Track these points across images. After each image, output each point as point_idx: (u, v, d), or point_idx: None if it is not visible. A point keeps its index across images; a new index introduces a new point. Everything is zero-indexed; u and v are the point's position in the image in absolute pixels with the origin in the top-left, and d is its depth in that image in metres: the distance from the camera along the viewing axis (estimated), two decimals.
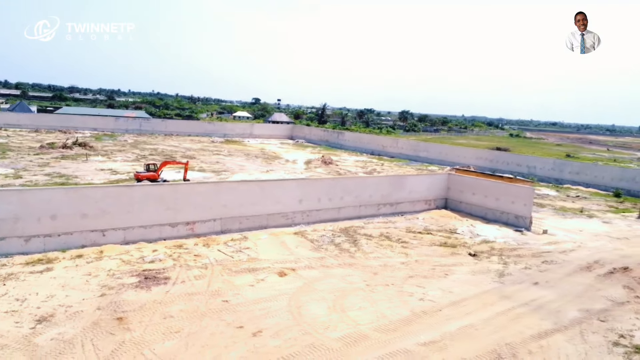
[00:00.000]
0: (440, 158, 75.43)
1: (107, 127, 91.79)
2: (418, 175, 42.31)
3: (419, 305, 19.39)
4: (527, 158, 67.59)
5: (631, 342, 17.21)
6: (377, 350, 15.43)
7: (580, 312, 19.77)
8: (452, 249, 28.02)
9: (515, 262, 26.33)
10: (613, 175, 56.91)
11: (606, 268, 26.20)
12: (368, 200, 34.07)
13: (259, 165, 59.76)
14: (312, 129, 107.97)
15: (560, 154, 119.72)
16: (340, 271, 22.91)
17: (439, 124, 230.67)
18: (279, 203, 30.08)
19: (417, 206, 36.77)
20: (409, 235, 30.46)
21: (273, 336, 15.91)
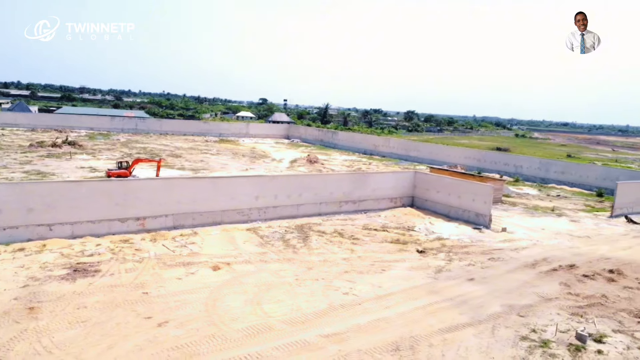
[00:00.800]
0: (431, 158, 75.32)
1: (103, 127, 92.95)
2: (382, 173, 42.38)
3: (340, 299, 19.57)
4: (514, 158, 67.24)
5: (540, 337, 17.24)
6: (275, 341, 15.68)
7: (502, 307, 19.82)
8: (402, 246, 28.13)
9: (460, 258, 26.38)
10: (597, 175, 56.44)
11: (552, 265, 26.15)
12: (329, 197, 34.26)
13: (243, 164, 60.21)
14: (307, 128, 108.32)
15: (562, 154, 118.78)
16: (277, 266, 23.17)
17: (444, 125, 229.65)
18: (233, 199, 30.40)
19: (382, 204, 36.87)
20: (363, 232, 30.62)
21: (177, 327, 16.23)
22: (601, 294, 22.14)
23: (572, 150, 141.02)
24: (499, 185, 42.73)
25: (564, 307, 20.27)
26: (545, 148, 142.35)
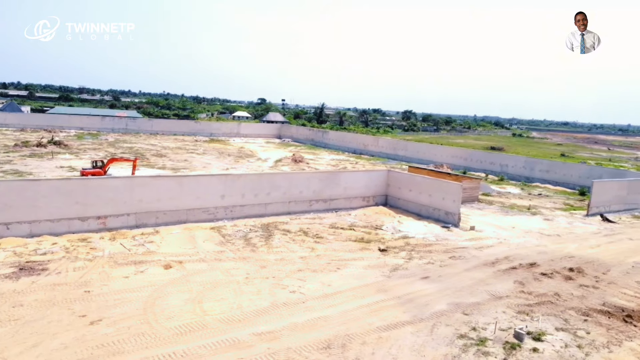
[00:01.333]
0: (418, 157, 75.23)
1: (93, 127, 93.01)
2: (354, 172, 42.24)
3: (285, 297, 19.47)
4: (499, 157, 67.06)
5: (479, 335, 17.12)
6: (205, 339, 15.58)
7: (449, 306, 19.69)
8: (365, 244, 28.00)
9: (421, 257, 26.25)
10: (581, 174, 56.25)
11: (512, 263, 26.01)
12: (298, 196, 34.16)
13: (226, 163, 60.14)
14: (299, 128, 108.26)
15: (556, 154, 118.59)
16: (230, 264, 23.08)
17: (442, 124, 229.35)
18: (199, 198, 30.33)
19: (354, 203, 36.76)
20: (329, 230, 30.51)
21: (109, 325, 16.15)
22: (554, 292, 22.00)
23: (568, 150, 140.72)
24: (474, 184, 42.59)
25: (512, 306, 20.13)
26: (541, 147, 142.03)
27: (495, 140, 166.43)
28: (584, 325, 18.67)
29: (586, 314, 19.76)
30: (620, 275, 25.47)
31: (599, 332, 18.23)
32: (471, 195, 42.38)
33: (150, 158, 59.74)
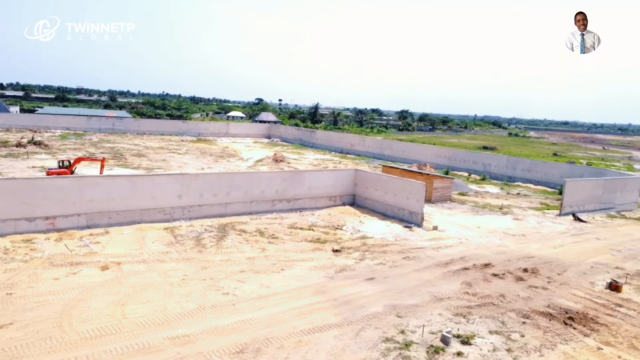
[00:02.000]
0: (403, 156, 74.70)
1: (79, 127, 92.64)
2: (319, 171, 41.67)
3: (216, 300, 18.94)
4: (482, 156, 66.42)
5: (406, 339, 16.58)
6: (115, 344, 15.08)
7: (384, 308, 19.14)
8: (319, 245, 27.47)
9: (374, 257, 25.71)
10: (562, 173, 55.54)
11: (466, 264, 25.46)
12: (260, 196, 33.64)
13: (204, 163, 59.65)
14: (287, 128, 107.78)
15: (548, 153, 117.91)
16: (171, 266, 22.57)
17: (438, 123, 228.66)
18: (154, 198, 29.83)
19: (320, 202, 36.21)
20: (287, 231, 29.98)
21: (19, 329, 15.65)
22: (500, 294, 21.44)
23: (561, 149, 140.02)
24: (446, 184, 42.02)
25: (451, 308, 19.58)
26: (534, 147, 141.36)
27: (490, 139, 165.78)
28: (521, 328, 18.11)
29: (526, 316, 19.19)
30: (576, 275, 24.91)
31: (535, 335, 17.67)
32: (443, 194, 41.83)
33: (128, 158, 59.29)
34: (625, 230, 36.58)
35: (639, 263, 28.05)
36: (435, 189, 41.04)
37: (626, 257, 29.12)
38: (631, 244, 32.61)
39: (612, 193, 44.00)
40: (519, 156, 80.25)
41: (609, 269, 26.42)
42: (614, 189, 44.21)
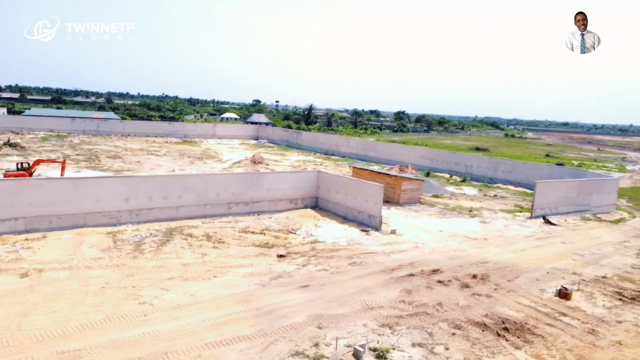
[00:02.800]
0: (387, 158, 73.69)
1: (63, 128, 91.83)
2: (279, 173, 40.58)
3: (128, 309, 17.91)
4: (464, 157, 65.26)
5: (317, 352, 15.53)
6: None
7: (307, 318, 18.08)
8: (266, 249, 26.44)
9: (319, 263, 24.66)
10: (542, 174, 54.39)
11: (415, 270, 24.37)
12: (215, 198, 32.61)
13: (179, 165, 58.70)
14: (274, 129, 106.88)
15: (541, 154, 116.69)
16: (97, 273, 21.55)
17: (435, 124, 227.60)
18: (99, 202, 28.83)
19: (280, 205, 35.16)
20: (237, 235, 28.94)
21: None
22: (438, 302, 20.36)
23: (555, 150, 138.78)
24: (416, 186, 40.93)
25: (380, 317, 18.50)
26: (528, 148, 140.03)
27: (485, 140, 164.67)
28: (448, 340, 17.02)
29: (458, 327, 18.11)
30: (527, 282, 23.81)
31: (461, 347, 16.59)
32: (413, 197, 40.74)
33: (102, 160, 58.36)
34: (595, 234, 35.45)
35: (599, 268, 26.94)
36: (403, 191, 39.97)
37: (587, 262, 28.01)
38: (597, 247, 31.50)
39: (588, 195, 42.84)
40: (518, 158, 79.15)
41: (565, 275, 25.32)
42: (590, 191, 43.05)
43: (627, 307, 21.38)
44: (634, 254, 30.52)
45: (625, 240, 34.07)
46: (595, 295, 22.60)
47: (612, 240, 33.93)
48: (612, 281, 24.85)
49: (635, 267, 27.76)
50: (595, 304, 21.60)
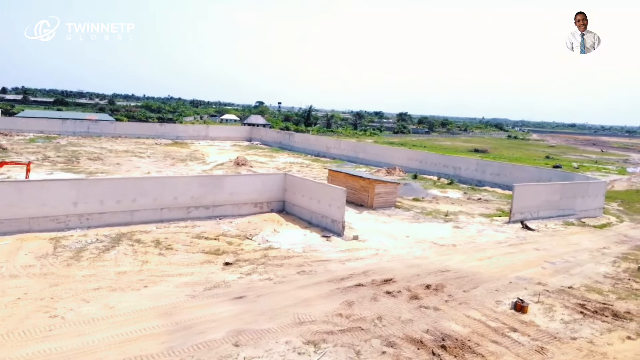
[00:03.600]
0: (376, 159, 72.21)
1: (54, 130, 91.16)
2: (242, 176, 39.22)
3: (36, 323, 16.61)
4: (453, 159, 63.58)
5: None
6: None
7: (226, 334, 16.69)
8: (215, 257, 25.11)
9: (265, 272, 23.27)
10: (531, 177, 52.74)
11: (366, 279, 22.93)
12: (173, 202, 31.33)
13: (159, 167, 57.57)
14: (268, 130, 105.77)
15: (540, 156, 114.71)
16: (19, 282, 20.30)
17: (437, 126, 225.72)
18: (45, 206, 27.63)
19: (244, 209, 33.81)
20: (189, 241, 27.63)
21: None
22: (378, 316, 18.90)
23: (557, 152, 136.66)
24: (391, 189, 39.42)
25: (308, 333, 17.07)
26: (529, 149, 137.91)
27: (486, 142, 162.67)
28: (376, 359, 15.57)
29: (392, 344, 16.64)
30: (485, 293, 22.27)
31: None
32: (387, 200, 39.25)
33: (81, 162, 57.34)
34: (574, 240, 33.79)
35: (567, 278, 25.34)
36: (377, 195, 38.50)
37: (557, 271, 26.41)
38: (572, 254, 29.88)
39: (572, 199, 41.12)
40: (517, 160, 77.35)
41: (529, 285, 23.76)
42: (574, 195, 41.32)
43: (587, 322, 19.79)
44: (610, 262, 28.87)
45: (605, 247, 32.40)
46: (555, 308, 21.02)
47: (590, 246, 32.27)
48: (578, 292, 23.25)
49: (608, 276, 26.13)
50: (553, 317, 20.03)
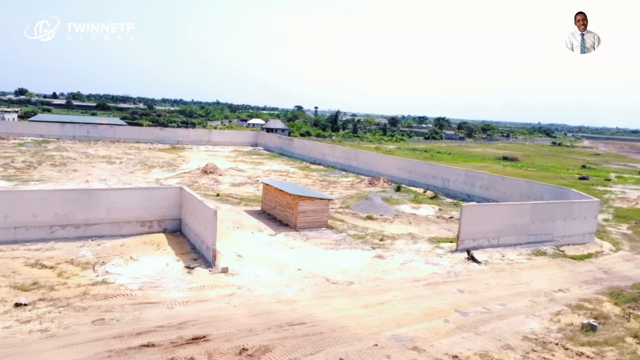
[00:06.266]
0: (368, 168, 65.99)
1: (53, 134, 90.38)
2: (123, 190, 33.90)
3: None
4: (441, 170, 56.16)
5: None
6: None
7: None
8: (20, 292, 20.33)
9: (52, 318, 18.20)
10: (522, 192, 45.21)
11: (171, 335, 17.35)
12: (32, 220, 26.81)
13: (118, 175, 53.86)
14: (271, 136, 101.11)
15: (576, 165, 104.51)
16: None
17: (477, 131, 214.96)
18: None
19: (127, 229, 28.87)
20: (16, 268, 22.93)
21: None
22: None
23: (600, 160, 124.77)
24: (319, 206, 33.38)
25: None
26: (566, 158, 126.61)
27: (524, 149, 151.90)
28: None
29: None
30: None
31: None
32: (316, 219, 33.28)
33: (40, 167, 54.59)
34: (526, 277, 26.71)
35: (468, 339, 18.68)
36: (302, 213, 32.63)
37: (462, 327, 19.80)
38: (507, 300, 23.04)
39: (549, 222, 33.64)
40: (549, 169, 69.08)
41: (398, 350, 17.39)
42: (552, 217, 33.81)
43: None
44: (552, 313, 21.83)
45: (563, 289, 25.22)
46: None
47: (542, 288, 25.19)
48: None
49: (531, 337, 19.24)
50: None
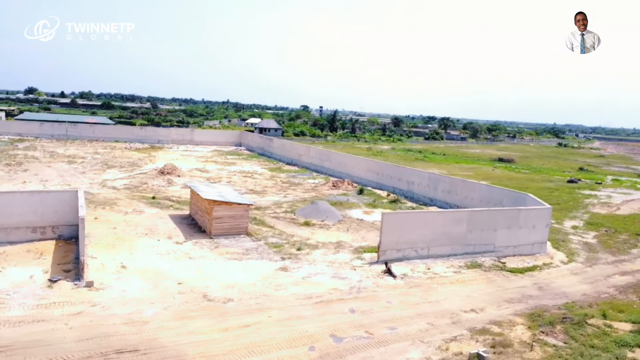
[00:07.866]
0: (340, 169, 63.30)
1: (32, 133, 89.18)
2: (9, 193, 31.49)
3: None
4: (407, 172, 53.13)
5: None
6: None
7: None
8: None
9: None
10: (482, 196, 42.31)
11: None
12: None
13: (72, 173, 51.98)
14: (254, 136, 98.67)
15: (574, 167, 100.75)
16: None
17: (482, 131, 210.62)
18: None
19: (15, 235, 26.64)
20: None
21: None
22: None
23: (601, 163, 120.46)
24: (238, 212, 30.89)
25: None
26: (567, 159, 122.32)
27: (525, 150, 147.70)
28: None
29: None
30: None
31: None
32: (233, 226, 30.81)
33: None
34: (442, 294, 23.97)
35: None
36: (217, 219, 30.19)
37: (324, 356, 17.24)
38: (405, 321, 20.48)
39: (490, 231, 30.74)
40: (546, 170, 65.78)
41: None
42: (494, 225, 30.91)
43: None
44: (444, 339, 19.09)
45: (477, 309, 22.45)
46: None
47: (455, 307, 22.44)
48: None
49: None
50: None
